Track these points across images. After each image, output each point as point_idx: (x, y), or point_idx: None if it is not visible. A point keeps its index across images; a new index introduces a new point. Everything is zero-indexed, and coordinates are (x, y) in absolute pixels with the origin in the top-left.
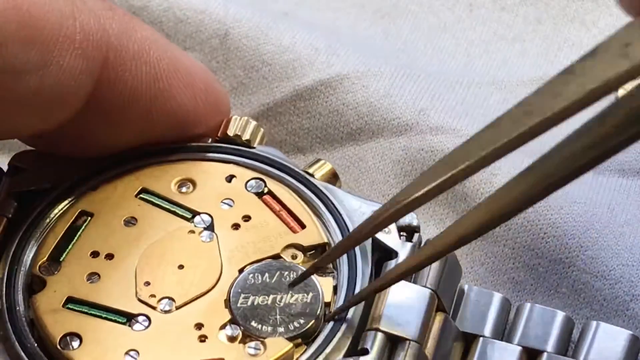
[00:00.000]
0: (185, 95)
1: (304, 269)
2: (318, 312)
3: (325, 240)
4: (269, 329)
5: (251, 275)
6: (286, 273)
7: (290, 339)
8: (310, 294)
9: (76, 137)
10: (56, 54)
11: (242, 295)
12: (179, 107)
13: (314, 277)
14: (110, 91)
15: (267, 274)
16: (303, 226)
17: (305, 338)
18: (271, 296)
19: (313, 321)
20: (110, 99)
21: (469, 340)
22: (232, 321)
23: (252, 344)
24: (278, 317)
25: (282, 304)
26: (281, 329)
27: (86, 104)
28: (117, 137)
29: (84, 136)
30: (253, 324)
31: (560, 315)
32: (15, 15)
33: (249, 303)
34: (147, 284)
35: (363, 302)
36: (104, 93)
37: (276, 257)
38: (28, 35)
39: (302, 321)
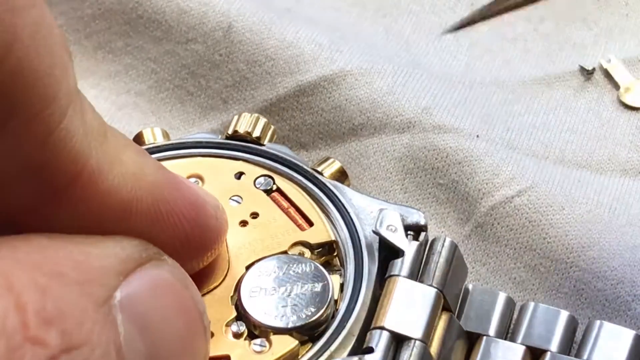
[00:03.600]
0: (167, 239)
1: (314, 263)
2: (329, 301)
3: (333, 238)
4: (280, 319)
5: (261, 269)
6: (295, 265)
7: (299, 331)
8: (320, 284)
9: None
10: (23, 126)
11: (252, 290)
12: (154, 220)
13: (322, 268)
14: (72, 209)
15: (276, 268)
16: (311, 224)
17: (315, 328)
18: (281, 288)
19: (324, 309)
20: (71, 214)
21: (473, 339)
22: (238, 318)
23: (258, 340)
24: (289, 307)
25: (292, 295)
26: (293, 318)
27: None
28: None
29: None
30: (263, 315)
31: (564, 315)
32: None
33: (259, 296)
34: None
35: (368, 302)
36: (65, 207)
37: (284, 254)
38: (2, 82)
39: (313, 309)
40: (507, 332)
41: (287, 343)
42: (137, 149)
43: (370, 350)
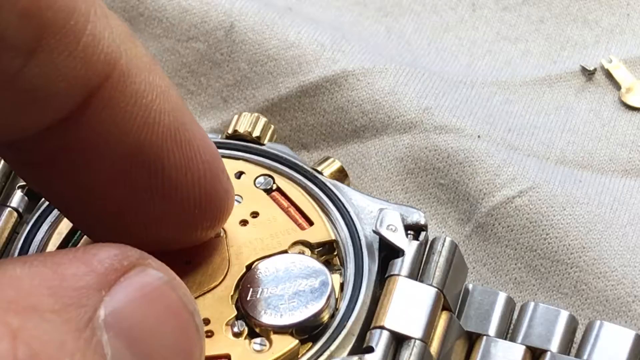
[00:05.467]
0: (178, 164)
1: (313, 260)
2: (327, 297)
3: (333, 238)
4: (280, 318)
5: (261, 268)
6: (295, 264)
7: (299, 329)
8: (319, 279)
9: (49, 163)
10: (53, 42)
11: (252, 289)
12: (164, 176)
13: (322, 265)
14: (97, 116)
15: (276, 267)
16: (311, 223)
17: (315, 327)
18: (281, 287)
19: (323, 307)
20: (94, 127)
21: (473, 339)
22: (238, 317)
23: (258, 340)
24: (289, 306)
25: (292, 294)
26: (293, 317)
27: (67, 120)
28: (87, 182)
29: (56, 164)
30: (263, 314)
31: (564, 315)
32: None
33: (259, 295)
34: None
35: (368, 301)
36: (89, 115)
37: (284, 253)
38: (25, 8)
39: (312, 308)
40: (507, 332)
41: (287, 342)
42: (163, 71)
43: (370, 349)
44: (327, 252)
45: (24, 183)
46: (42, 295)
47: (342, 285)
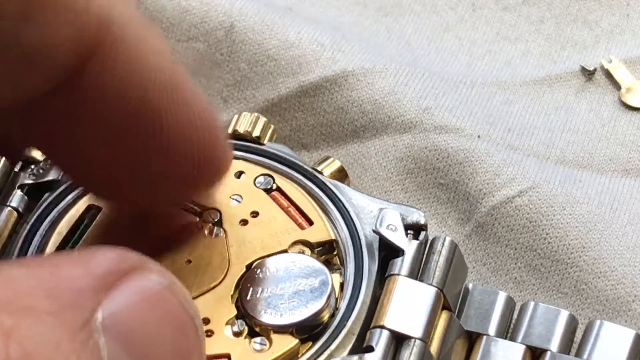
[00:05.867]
0: (175, 125)
1: (313, 260)
2: (327, 296)
3: (333, 237)
4: (280, 317)
5: (261, 268)
6: (295, 264)
7: (299, 329)
8: (319, 279)
9: (45, 127)
10: (46, 6)
11: (252, 289)
12: (162, 136)
13: (322, 264)
14: (91, 81)
15: (276, 266)
16: (311, 223)
17: (315, 326)
18: (281, 286)
19: (323, 306)
20: (89, 90)
21: (473, 338)
22: (238, 316)
23: (258, 339)
24: (289, 305)
25: (292, 293)
26: (293, 316)
27: (62, 84)
28: (84, 143)
29: (53, 127)
30: (263, 313)
31: (564, 314)
32: None
33: (259, 295)
34: None
35: (368, 301)
36: (83, 80)
37: (284, 253)
38: None
39: (312, 307)
40: (507, 331)
41: (288, 342)
42: (159, 32)
43: (370, 349)
44: (327, 251)
45: (24, 183)
46: (39, 297)
47: (342, 285)
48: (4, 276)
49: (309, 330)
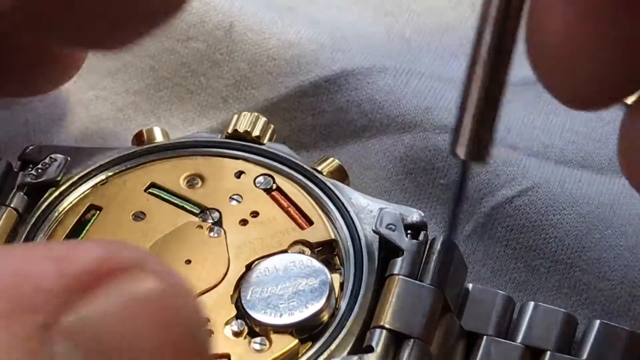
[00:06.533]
0: None
1: (313, 260)
2: (327, 296)
3: (333, 237)
4: (280, 317)
5: (261, 268)
6: (295, 264)
7: (299, 328)
8: (319, 279)
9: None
10: None
11: (252, 289)
12: None
13: (322, 264)
14: None
15: (276, 266)
16: (311, 223)
17: (315, 326)
18: (281, 286)
19: (323, 306)
20: None
21: (473, 338)
22: (238, 317)
23: (258, 339)
24: (289, 305)
25: (292, 293)
26: (293, 316)
27: None
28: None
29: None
30: (262, 313)
31: (564, 315)
32: None
33: (259, 294)
34: None
35: (368, 301)
36: None
37: (284, 253)
38: None
39: (312, 307)
40: (507, 331)
41: (287, 342)
42: None
43: (370, 349)
44: (327, 251)
45: (24, 182)
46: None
47: (342, 285)
48: None
49: (308, 331)
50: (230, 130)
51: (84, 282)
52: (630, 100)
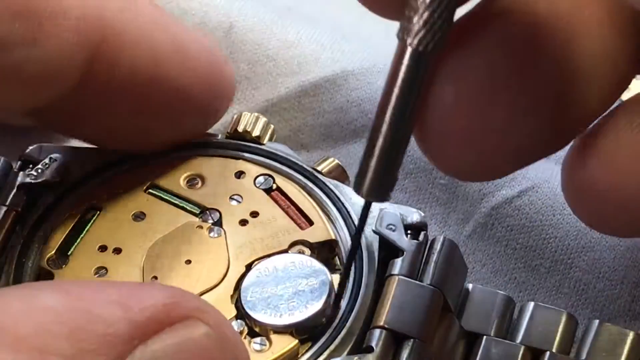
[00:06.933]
0: (187, 78)
1: (313, 260)
2: (327, 296)
3: (333, 237)
4: (280, 317)
5: (261, 268)
6: (295, 264)
7: (299, 329)
8: (319, 279)
9: (72, 117)
10: (46, 28)
11: (252, 289)
12: (179, 91)
13: (322, 264)
14: (105, 71)
15: (276, 267)
16: (311, 223)
17: (315, 326)
18: (280, 286)
19: (321, 305)
20: (106, 80)
21: (473, 339)
22: (238, 317)
23: (258, 339)
24: (288, 305)
25: (291, 293)
26: (292, 316)
27: (80, 82)
28: (113, 120)
29: (80, 116)
30: (263, 313)
31: (564, 315)
32: None
33: (259, 295)
34: (155, 278)
35: (368, 301)
36: (99, 72)
37: (284, 253)
38: (12, 5)
39: (312, 307)
40: (507, 332)
41: (287, 342)
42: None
43: (370, 349)
44: (326, 251)
45: (24, 182)
46: (58, 337)
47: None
48: (35, 306)
49: (308, 331)
50: (230, 131)
51: (149, 329)
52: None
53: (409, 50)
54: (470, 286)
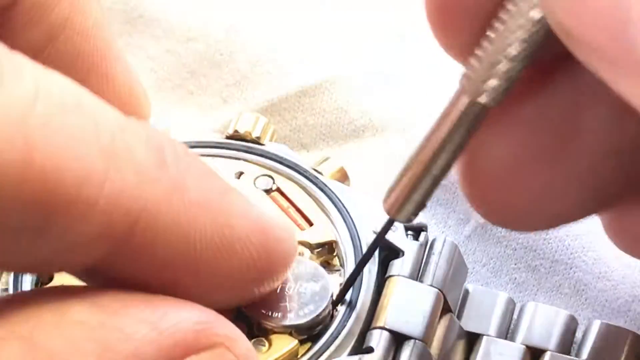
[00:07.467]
0: (232, 267)
1: (313, 262)
2: (327, 300)
3: (333, 238)
4: (279, 318)
5: None
6: (294, 265)
7: (298, 330)
8: (320, 283)
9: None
10: (63, 219)
11: None
12: (223, 279)
13: (322, 268)
14: (132, 258)
15: None
16: (311, 224)
17: (314, 326)
18: (280, 287)
19: (323, 308)
20: (132, 266)
21: (473, 339)
22: (237, 317)
23: (257, 340)
24: (288, 306)
25: (291, 293)
26: (291, 317)
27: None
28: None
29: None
30: (262, 315)
31: (564, 315)
32: (19, 168)
33: None
34: None
35: (368, 301)
36: (123, 259)
37: None
38: (30, 195)
39: (312, 308)
40: (507, 332)
41: (287, 342)
42: (205, 170)
43: (370, 350)
44: (326, 252)
45: None
46: (87, 356)
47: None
48: (65, 318)
49: (308, 331)
50: (230, 131)
51: (175, 354)
52: None
53: (465, 98)
54: (470, 286)
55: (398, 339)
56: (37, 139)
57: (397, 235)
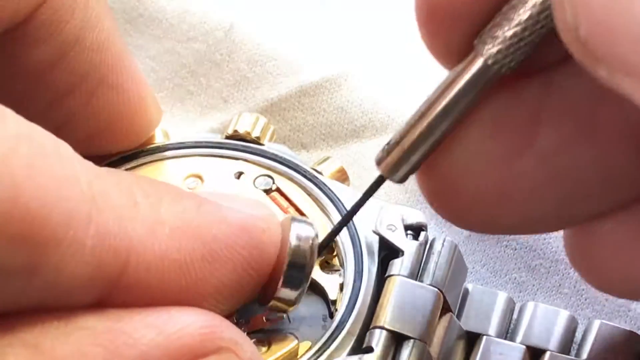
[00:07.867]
0: (228, 273)
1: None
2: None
3: None
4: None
5: None
6: None
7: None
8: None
9: None
10: (54, 259)
11: None
12: (222, 287)
13: (319, 281)
14: (128, 293)
15: None
16: None
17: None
18: None
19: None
20: (129, 300)
21: (473, 339)
22: (237, 318)
23: (257, 339)
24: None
25: None
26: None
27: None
28: None
29: None
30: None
31: (563, 314)
32: (5, 206)
33: None
34: None
35: (368, 301)
36: (119, 295)
37: None
38: (17, 233)
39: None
40: (507, 332)
41: (286, 343)
42: (173, 195)
43: (370, 349)
44: (326, 252)
45: None
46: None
47: (341, 286)
48: (71, 324)
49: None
50: (230, 131)
51: (183, 357)
52: None
53: (480, 61)
54: (470, 286)
55: (398, 339)
56: (22, 180)
57: (397, 235)
